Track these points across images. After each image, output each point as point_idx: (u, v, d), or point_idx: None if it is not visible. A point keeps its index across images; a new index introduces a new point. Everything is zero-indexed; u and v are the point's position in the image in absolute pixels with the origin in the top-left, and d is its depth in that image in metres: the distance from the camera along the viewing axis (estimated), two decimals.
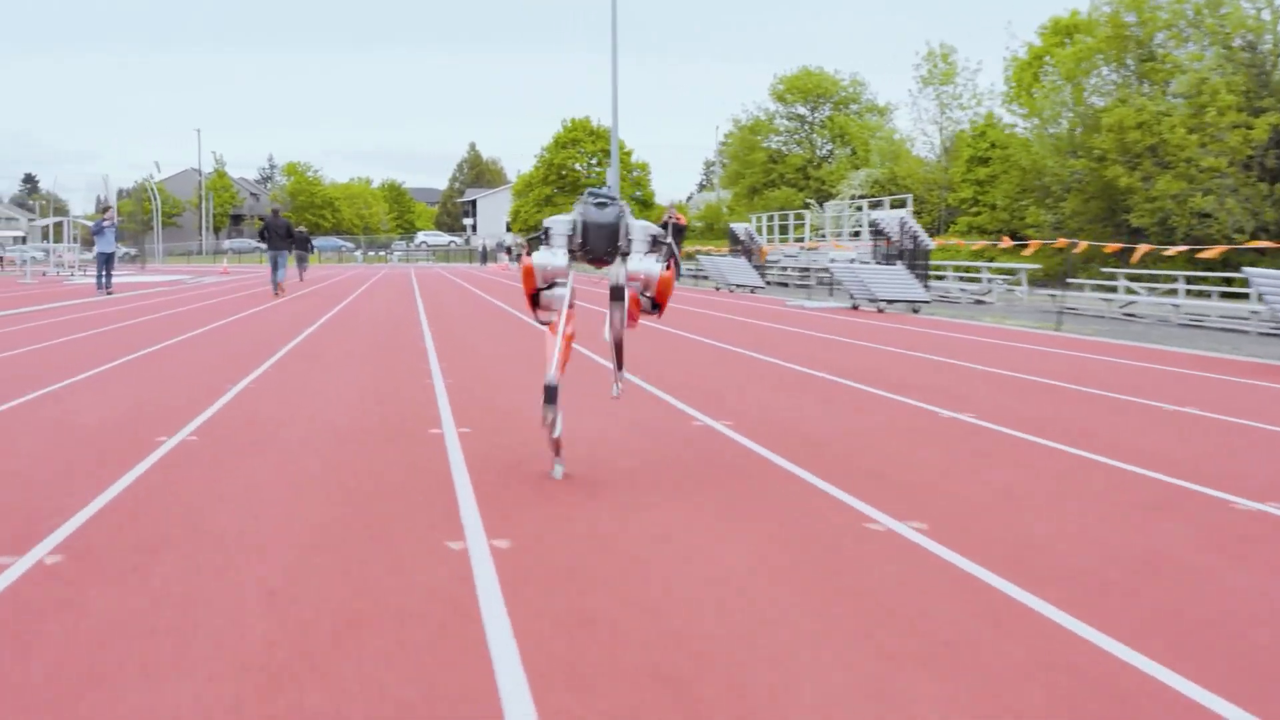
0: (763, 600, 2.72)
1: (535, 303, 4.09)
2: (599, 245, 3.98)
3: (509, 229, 65.22)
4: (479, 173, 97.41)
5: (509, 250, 49.72)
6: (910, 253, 16.10)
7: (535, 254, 4.02)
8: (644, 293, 4.11)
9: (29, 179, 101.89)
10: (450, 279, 30.47)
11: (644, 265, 4.00)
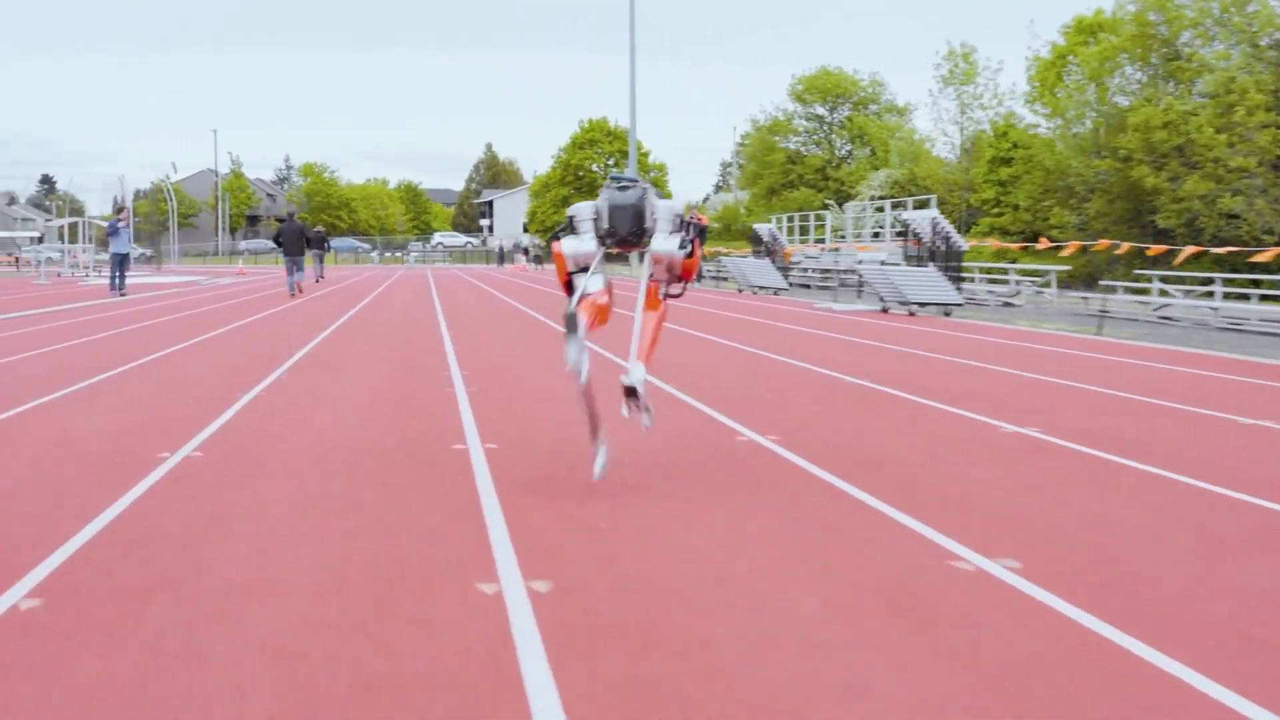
0: (859, 664, 2.31)
1: (570, 289, 4.01)
2: (623, 226, 3.94)
3: (526, 230, 64.81)
4: (495, 173, 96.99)
5: (526, 251, 49.42)
6: (943, 254, 15.63)
7: (563, 241, 4.03)
8: (665, 284, 4.16)
9: (46, 180, 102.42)
10: (467, 280, 30.13)
11: (668, 246, 4.02)
